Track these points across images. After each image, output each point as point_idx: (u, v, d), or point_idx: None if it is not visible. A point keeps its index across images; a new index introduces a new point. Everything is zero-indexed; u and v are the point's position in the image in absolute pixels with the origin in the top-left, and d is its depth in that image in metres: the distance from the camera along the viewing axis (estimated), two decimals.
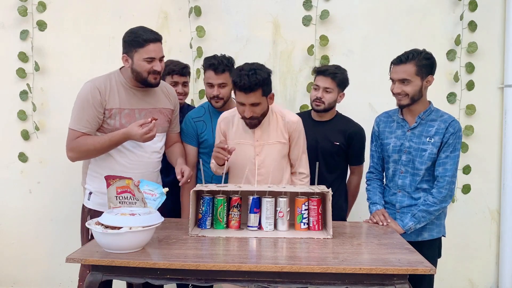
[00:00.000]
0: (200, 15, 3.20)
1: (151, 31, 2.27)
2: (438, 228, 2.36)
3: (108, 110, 2.25)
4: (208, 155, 2.51)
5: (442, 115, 2.33)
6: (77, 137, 2.23)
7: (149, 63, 2.23)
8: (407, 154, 2.33)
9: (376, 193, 2.45)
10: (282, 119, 2.36)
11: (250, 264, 1.70)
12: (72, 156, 2.28)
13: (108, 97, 2.25)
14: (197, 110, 2.65)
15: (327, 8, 3.15)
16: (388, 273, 1.68)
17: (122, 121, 2.27)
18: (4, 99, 3.31)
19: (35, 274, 3.38)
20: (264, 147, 2.35)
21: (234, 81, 2.19)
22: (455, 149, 2.27)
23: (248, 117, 2.24)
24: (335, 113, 2.69)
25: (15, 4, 3.23)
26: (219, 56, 2.55)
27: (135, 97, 2.32)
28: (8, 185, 3.35)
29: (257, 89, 2.17)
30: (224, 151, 2.21)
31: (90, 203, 2.35)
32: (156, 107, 2.38)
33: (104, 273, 1.75)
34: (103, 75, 2.34)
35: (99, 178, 2.27)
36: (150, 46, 2.23)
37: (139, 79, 2.28)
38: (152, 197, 2.05)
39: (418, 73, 2.24)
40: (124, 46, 2.27)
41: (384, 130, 2.44)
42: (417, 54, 2.25)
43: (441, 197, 2.25)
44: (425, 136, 2.29)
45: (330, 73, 2.57)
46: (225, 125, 2.41)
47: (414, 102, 2.29)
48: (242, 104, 2.22)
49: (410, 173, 2.33)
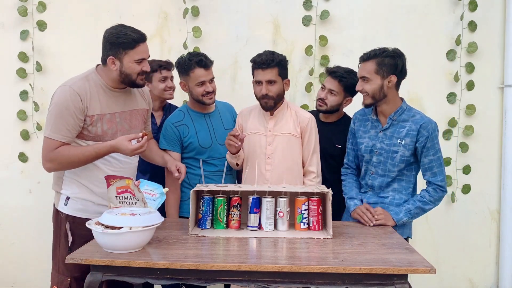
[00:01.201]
0: (198, 15, 3.20)
1: (136, 30, 2.15)
2: (401, 230, 2.29)
3: (90, 117, 2.11)
4: (194, 158, 2.51)
5: (414, 115, 2.27)
6: (56, 147, 2.07)
7: (139, 64, 2.15)
8: (378, 156, 2.31)
9: (352, 188, 2.42)
10: (295, 114, 2.50)
11: (250, 264, 1.70)
12: (50, 167, 2.12)
13: (89, 103, 2.11)
14: (176, 114, 2.59)
15: (327, 8, 3.16)
16: (388, 273, 1.68)
17: (104, 128, 2.15)
18: (4, 99, 3.31)
19: (35, 274, 3.38)
20: (276, 138, 2.46)
21: (253, 59, 2.41)
22: (436, 151, 2.23)
23: (264, 93, 2.38)
24: (342, 114, 2.68)
25: (15, 4, 3.24)
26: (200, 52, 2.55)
27: (114, 99, 2.21)
28: (8, 185, 3.36)
29: (273, 66, 2.37)
30: (236, 139, 2.32)
31: (68, 209, 2.19)
32: (134, 109, 2.29)
33: (104, 273, 1.74)
34: (79, 77, 2.18)
35: (78, 183, 2.17)
36: (140, 47, 2.14)
37: (126, 81, 2.17)
38: (152, 197, 2.05)
39: (378, 71, 2.20)
40: (110, 47, 2.13)
41: (359, 129, 2.41)
42: (379, 53, 2.21)
43: (437, 197, 2.25)
44: (396, 138, 2.26)
45: (338, 75, 2.54)
46: (242, 119, 2.57)
47: (377, 101, 2.25)
48: (259, 83, 2.41)
49: (380, 174, 2.31)
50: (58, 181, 2.24)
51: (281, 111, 2.49)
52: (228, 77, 3.25)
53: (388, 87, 2.23)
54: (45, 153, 2.11)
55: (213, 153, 2.52)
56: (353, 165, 2.49)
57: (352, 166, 2.49)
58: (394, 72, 2.21)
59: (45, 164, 2.13)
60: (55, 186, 2.26)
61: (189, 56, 2.47)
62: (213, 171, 2.50)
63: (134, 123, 2.28)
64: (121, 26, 2.15)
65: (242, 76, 3.20)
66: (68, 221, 2.17)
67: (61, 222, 2.20)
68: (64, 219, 2.19)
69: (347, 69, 2.59)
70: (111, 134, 2.18)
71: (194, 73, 2.44)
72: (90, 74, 2.20)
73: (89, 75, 2.19)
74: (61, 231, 2.20)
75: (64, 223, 2.18)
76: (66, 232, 2.16)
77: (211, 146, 2.52)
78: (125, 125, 2.24)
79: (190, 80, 2.46)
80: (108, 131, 2.17)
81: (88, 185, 2.18)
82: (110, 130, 2.17)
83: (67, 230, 2.16)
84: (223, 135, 2.51)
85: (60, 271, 2.16)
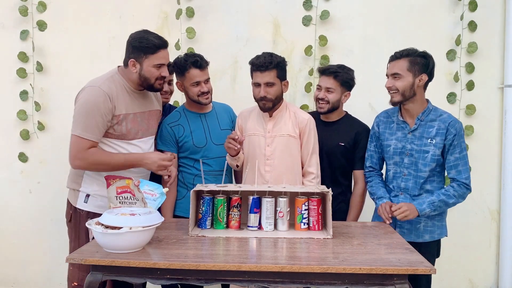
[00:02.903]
0: (193, 16, 3.20)
1: (159, 37, 2.26)
2: (440, 230, 2.35)
3: (116, 117, 2.21)
4: (188, 158, 2.53)
5: (441, 114, 2.32)
6: (88, 146, 2.16)
7: (158, 69, 2.24)
8: (409, 157, 2.32)
9: (379, 188, 2.43)
10: (294, 115, 2.51)
11: (250, 264, 1.70)
12: (79, 165, 2.21)
13: (116, 103, 2.21)
14: (173, 115, 2.61)
15: (327, 8, 3.15)
16: (388, 273, 1.68)
17: (128, 127, 2.26)
18: (4, 99, 3.31)
19: (35, 274, 3.39)
20: (275, 139, 2.47)
21: (252, 61, 2.42)
22: (462, 149, 2.27)
23: (262, 96, 2.39)
24: (343, 113, 2.68)
25: (15, 4, 3.24)
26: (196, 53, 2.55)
27: (135, 100, 2.32)
28: (8, 185, 3.36)
29: (272, 68, 2.38)
30: (235, 142, 2.32)
31: (88, 206, 2.28)
32: (151, 110, 2.41)
33: (104, 273, 1.75)
34: (105, 77, 2.27)
35: (98, 180, 2.24)
36: (161, 52, 2.24)
37: (145, 84, 2.28)
38: (152, 197, 2.05)
39: (410, 69, 2.24)
40: (132, 51, 2.24)
41: (384, 131, 2.42)
42: (412, 52, 2.27)
43: (461, 192, 2.27)
44: (426, 138, 2.29)
45: (331, 72, 2.55)
46: (242, 120, 2.59)
47: (406, 99, 2.28)
48: (257, 85, 2.41)
49: (413, 176, 2.32)
50: (77, 179, 2.31)
51: (280, 113, 2.50)
52: (228, 77, 3.25)
53: (418, 86, 2.28)
54: (75, 152, 2.18)
55: (207, 152, 2.52)
56: (377, 167, 2.51)
57: (376, 168, 2.51)
58: (425, 71, 2.27)
59: (74, 162, 2.21)
60: (72, 184, 2.33)
61: (185, 56, 2.49)
62: (207, 171, 2.48)
63: (151, 123, 2.41)
64: (145, 32, 2.27)
65: (242, 76, 3.20)
66: (89, 218, 2.18)
67: (81, 219, 2.27)
68: (85, 216, 2.25)
69: (338, 64, 2.63)
70: (134, 133, 2.29)
71: (189, 74, 2.46)
72: (113, 75, 2.29)
73: (113, 76, 2.29)
74: (81, 228, 2.26)
75: (85, 220, 2.20)
76: (87, 228, 2.16)
77: (205, 145, 2.52)
78: (144, 125, 2.35)
79: (186, 80, 2.48)
80: (132, 130, 2.28)
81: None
82: (133, 129, 2.28)
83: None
84: (218, 136, 2.53)
85: (81, 268, 2.20)
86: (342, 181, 2.63)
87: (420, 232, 2.32)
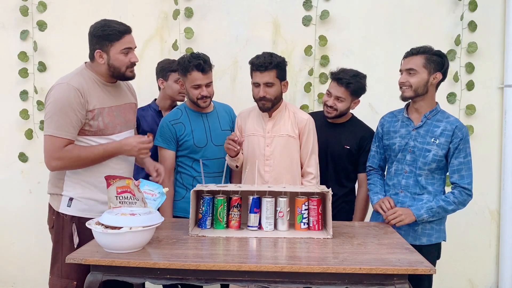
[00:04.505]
0: (192, 16, 3.20)
1: (121, 23, 2.18)
2: (438, 234, 2.33)
3: (91, 112, 2.12)
4: (188, 157, 2.53)
5: (448, 116, 2.31)
6: (64, 144, 2.07)
7: (126, 55, 2.17)
8: (411, 154, 2.31)
9: (377, 185, 2.43)
10: (294, 116, 2.51)
11: (250, 264, 1.70)
12: (56, 165, 2.10)
13: (88, 98, 2.12)
14: (174, 112, 2.59)
15: (327, 8, 3.15)
16: (388, 273, 1.68)
17: (105, 121, 2.17)
18: (4, 99, 3.31)
19: (35, 274, 3.39)
20: (274, 139, 2.47)
21: (252, 61, 2.41)
22: (467, 154, 2.27)
23: (262, 96, 2.39)
24: (350, 115, 2.67)
25: (15, 4, 3.24)
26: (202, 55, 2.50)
27: (109, 94, 2.23)
28: (8, 185, 3.36)
29: (271, 68, 2.37)
30: (234, 143, 2.33)
31: (72, 210, 2.16)
32: (126, 103, 2.33)
33: (104, 273, 1.75)
34: (73, 74, 2.18)
35: (82, 182, 2.17)
36: (126, 37, 2.17)
37: (116, 74, 2.19)
38: (152, 197, 2.05)
39: (426, 66, 2.24)
40: (97, 41, 2.15)
41: (389, 130, 2.41)
42: (428, 50, 2.27)
43: (462, 199, 2.26)
44: (430, 136, 2.28)
45: (344, 82, 2.50)
46: (241, 120, 2.59)
47: (417, 96, 2.27)
48: (257, 85, 2.41)
49: (414, 173, 2.32)
50: (58, 183, 2.20)
51: (279, 113, 2.50)
52: (228, 77, 3.25)
53: (432, 83, 2.28)
54: (51, 152, 2.09)
55: (207, 153, 2.52)
56: (376, 167, 2.50)
57: (376, 167, 2.50)
58: (440, 70, 2.27)
59: (50, 163, 2.10)
60: (53, 188, 2.22)
61: (189, 57, 2.46)
62: (205, 172, 2.46)
63: (128, 117, 2.33)
64: (105, 20, 2.19)
65: (242, 76, 3.20)
66: (74, 222, 2.15)
67: (64, 224, 2.17)
68: (69, 221, 2.16)
69: (352, 72, 2.55)
70: (112, 127, 2.21)
71: (191, 75, 2.44)
72: (81, 70, 2.21)
73: (82, 71, 2.20)
74: (64, 233, 2.16)
75: (69, 225, 2.15)
76: (71, 233, 2.14)
77: (205, 146, 2.52)
78: (122, 118, 2.27)
79: (187, 81, 2.47)
80: (109, 124, 2.20)
81: (92, 183, 2.17)
82: (111, 123, 2.20)
83: (73, 231, 2.14)
84: (219, 136, 2.52)
85: (63, 275, 2.12)
86: (346, 183, 2.63)
87: (417, 235, 2.31)
